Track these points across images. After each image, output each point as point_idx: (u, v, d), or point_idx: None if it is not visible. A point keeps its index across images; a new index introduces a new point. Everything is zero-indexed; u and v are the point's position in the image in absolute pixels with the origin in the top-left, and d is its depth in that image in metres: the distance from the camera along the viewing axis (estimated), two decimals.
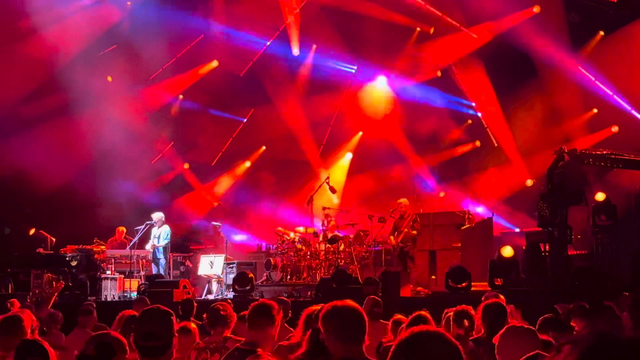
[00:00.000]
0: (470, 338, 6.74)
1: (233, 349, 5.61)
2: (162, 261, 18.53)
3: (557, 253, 14.16)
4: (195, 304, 10.65)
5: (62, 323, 9.78)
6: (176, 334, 4.39)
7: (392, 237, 17.29)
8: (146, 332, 4.16)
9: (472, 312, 7.46)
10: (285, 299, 10.19)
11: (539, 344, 4.52)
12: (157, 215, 18.62)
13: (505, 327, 4.74)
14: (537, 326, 6.43)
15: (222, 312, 6.80)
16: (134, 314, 6.97)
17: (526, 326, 4.83)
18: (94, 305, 10.38)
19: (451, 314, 7.41)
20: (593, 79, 20.84)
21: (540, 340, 4.70)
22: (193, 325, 7.46)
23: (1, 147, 19.57)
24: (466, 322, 7.02)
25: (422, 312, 6.84)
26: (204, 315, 7.39)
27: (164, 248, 18.55)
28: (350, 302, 4.35)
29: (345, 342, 4.12)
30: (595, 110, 21.34)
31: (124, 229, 19.41)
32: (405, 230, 16.99)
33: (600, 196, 15.77)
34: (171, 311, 4.37)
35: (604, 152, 14.86)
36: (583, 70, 20.90)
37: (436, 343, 2.61)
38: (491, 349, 5.02)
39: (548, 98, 20.95)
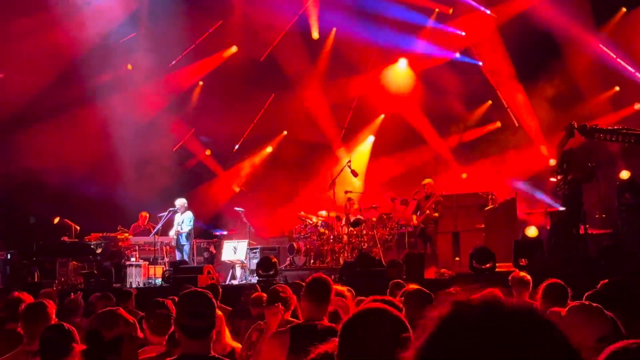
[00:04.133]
0: None
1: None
2: (187, 247, 18.56)
3: (565, 231, 13.96)
4: (220, 289, 10.66)
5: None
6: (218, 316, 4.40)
7: (414, 217, 17.25)
8: (192, 311, 4.12)
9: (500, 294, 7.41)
10: (301, 282, 10.17)
11: (610, 324, 4.35)
12: (180, 202, 18.63)
13: (571, 305, 4.58)
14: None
15: (282, 294, 6.78)
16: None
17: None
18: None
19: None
20: (615, 56, 20.62)
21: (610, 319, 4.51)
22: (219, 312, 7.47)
23: (24, 137, 19.72)
24: None
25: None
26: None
27: (188, 234, 18.59)
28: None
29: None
30: (617, 88, 21.14)
31: (147, 214, 19.51)
32: (427, 212, 16.93)
33: (624, 174, 15.62)
34: (211, 293, 4.36)
35: (615, 127, 14.65)
36: (605, 48, 20.68)
37: (375, 318, 2.66)
38: None
39: (569, 76, 20.75)
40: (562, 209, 14.67)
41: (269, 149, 24.59)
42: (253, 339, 6.60)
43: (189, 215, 18.63)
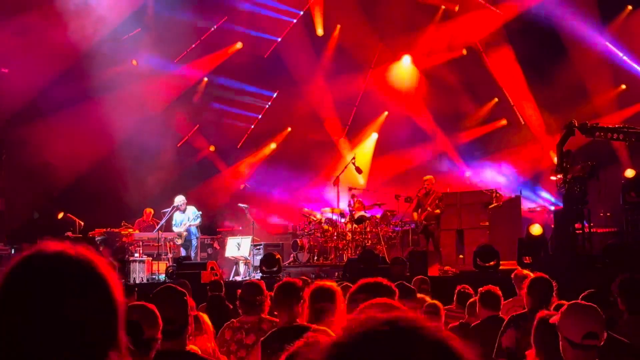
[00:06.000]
0: (513, 314, 6.67)
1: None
2: (194, 242, 18.56)
3: (563, 229, 13.91)
4: (223, 285, 10.65)
5: None
6: (191, 313, 4.37)
7: (415, 214, 17.23)
8: (162, 317, 4.11)
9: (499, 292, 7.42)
10: (306, 278, 10.16)
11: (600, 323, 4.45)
12: (180, 199, 18.48)
13: (568, 304, 4.64)
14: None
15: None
16: None
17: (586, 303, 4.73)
18: None
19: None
20: (621, 54, 20.57)
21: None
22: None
23: (29, 132, 19.70)
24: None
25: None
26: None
27: (197, 227, 18.60)
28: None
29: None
30: (623, 86, 21.09)
31: (152, 210, 19.51)
32: (429, 209, 16.89)
33: (629, 172, 15.57)
34: (184, 290, 4.34)
35: (616, 126, 14.59)
36: (611, 46, 20.62)
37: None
38: (538, 326, 4.91)
39: (575, 74, 20.67)
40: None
41: (273, 146, 24.58)
42: (227, 337, 6.61)
43: (193, 209, 18.58)
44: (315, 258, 17.94)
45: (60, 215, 19.35)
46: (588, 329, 4.31)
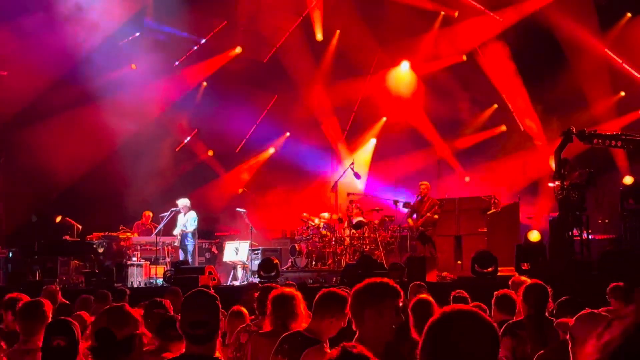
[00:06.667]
0: (510, 321, 6.66)
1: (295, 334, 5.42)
2: (190, 247, 18.56)
3: (558, 236, 13.90)
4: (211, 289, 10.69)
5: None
6: (222, 318, 4.35)
7: (410, 220, 17.24)
8: (194, 321, 4.11)
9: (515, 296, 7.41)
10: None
11: None
12: (183, 202, 18.58)
13: (580, 313, 4.59)
14: (555, 309, 6.37)
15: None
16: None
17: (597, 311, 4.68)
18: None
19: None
20: (620, 61, 20.60)
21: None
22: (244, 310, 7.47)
23: (27, 136, 19.70)
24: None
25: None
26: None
27: (192, 233, 18.58)
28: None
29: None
30: (622, 94, 21.11)
31: (151, 213, 19.51)
32: (427, 214, 16.88)
33: (628, 179, 15.57)
34: (216, 295, 4.32)
35: (615, 133, 14.61)
36: (610, 53, 20.65)
37: (470, 323, 2.48)
38: (534, 332, 4.90)
39: (575, 81, 20.69)
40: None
41: (272, 150, 24.57)
42: (242, 340, 6.57)
43: (192, 214, 18.60)
44: (313, 263, 17.94)
45: (59, 219, 19.34)
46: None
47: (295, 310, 5.93)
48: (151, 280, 17.25)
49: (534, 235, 14.22)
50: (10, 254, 17.68)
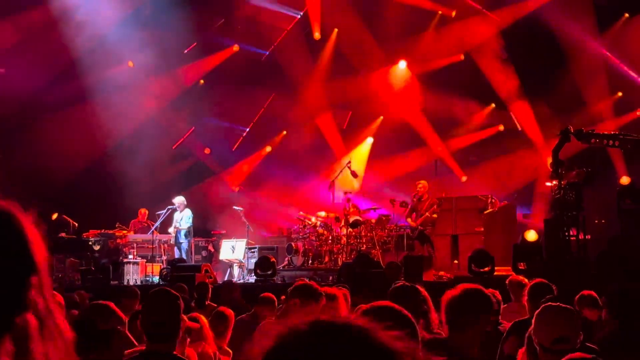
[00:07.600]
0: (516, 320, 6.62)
1: None
2: (185, 245, 18.52)
3: (553, 236, 13.88)
4: (210, 288, 10.70)
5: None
6: (184, 318, 4.49)
7: (409, 219, 17.23)
8: (154, 321, 4.24)
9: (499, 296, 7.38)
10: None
11: (575, 327, 4.31)
12: (179, 199, 18.58)
13: (542, 307, 4.52)
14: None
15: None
16: None
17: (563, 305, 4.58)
18: None
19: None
20: (618, 61, 20.60)
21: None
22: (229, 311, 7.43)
23: (23, 133, 19.67)
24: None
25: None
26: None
27: (187, 231, 18.55)
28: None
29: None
30: (620, 94, 21.11)
31: (147, 211, 19.50)
32: (427, 214, 16.87)
33: (625, 180, 15.57)
34: (178, 294, 4.38)
35: (612, 132, 14.59)
36: (608, 53, 20.65)
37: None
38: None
39: (572, 81, 20.69)
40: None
41: (269, 149, 24.54)
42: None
43: (187, 212, 18.59)
44: (310, 262, 17.93)
45: (55, 216, 19.29)
46: (559, 333, 4.21)
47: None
48: (147, 278, 17.23)
49: (531, 235, 14.25)
50: None
